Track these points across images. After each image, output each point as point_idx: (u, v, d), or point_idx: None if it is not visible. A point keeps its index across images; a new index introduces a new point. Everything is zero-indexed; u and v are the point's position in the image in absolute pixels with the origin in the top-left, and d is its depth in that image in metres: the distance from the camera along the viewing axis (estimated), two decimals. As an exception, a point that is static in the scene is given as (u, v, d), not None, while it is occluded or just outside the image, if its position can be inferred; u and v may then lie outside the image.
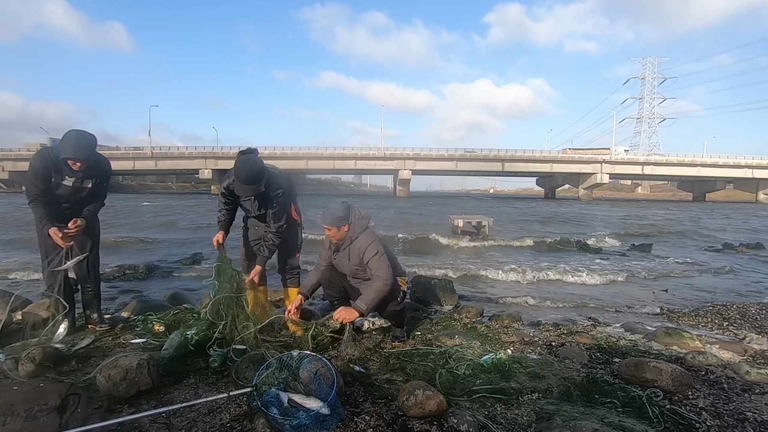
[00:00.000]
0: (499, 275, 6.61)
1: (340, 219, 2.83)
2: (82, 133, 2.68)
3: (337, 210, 2.84)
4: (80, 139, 2.64)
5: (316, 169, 56.50)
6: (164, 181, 75.96)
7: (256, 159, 2.83)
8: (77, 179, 2.80)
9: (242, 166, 2.77)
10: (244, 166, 2.77)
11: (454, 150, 53.49)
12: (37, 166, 2.70)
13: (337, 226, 2.83)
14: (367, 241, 2.83)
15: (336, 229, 2.84)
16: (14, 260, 7.27)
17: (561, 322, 4.04)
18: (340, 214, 2.83)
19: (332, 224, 2.82)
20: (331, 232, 2.86)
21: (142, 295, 4.71)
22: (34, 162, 2.71)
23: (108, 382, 1.97)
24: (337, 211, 2.84)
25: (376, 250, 2.80)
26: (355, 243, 2.86)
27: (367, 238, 2.85)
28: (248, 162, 2.78)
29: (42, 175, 2.70)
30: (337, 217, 2.82)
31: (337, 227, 2.83)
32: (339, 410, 1.83)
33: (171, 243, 10.29)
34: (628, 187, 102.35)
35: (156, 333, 2.94)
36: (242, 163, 2.78)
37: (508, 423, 1.84)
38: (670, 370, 2.29)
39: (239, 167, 2.77)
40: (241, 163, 2.78)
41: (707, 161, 54.36)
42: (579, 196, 55.35)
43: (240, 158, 2.81)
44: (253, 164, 2.78)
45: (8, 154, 48.73)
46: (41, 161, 2.70)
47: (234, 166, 2.82)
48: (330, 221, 2.82)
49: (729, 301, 5.01)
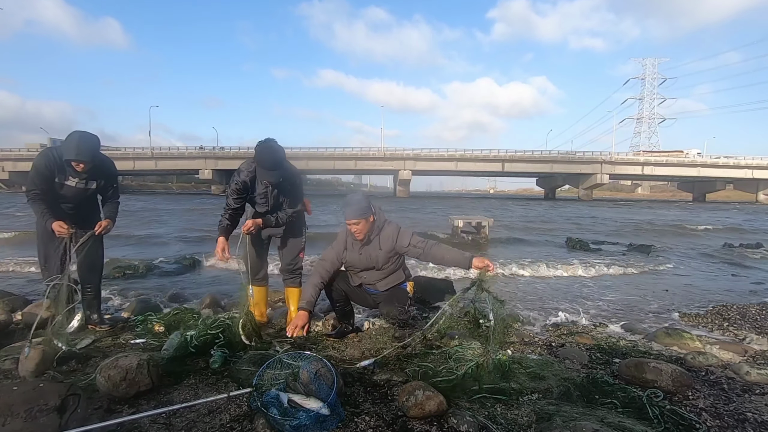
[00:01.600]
0: (498, 275, 6.61)
1: (366, 209, 2.75)
2: (85, 134, 2.69)
3: (362, 200, 2.76)
4: (83, 140, 2.65)
5: (316, 169, 56.53)
6: (164, 181, 75.99)
7: (277, 145, 2.84)
8: (81, 180, 2.81)
9: (266, 152, 2.78)
10: (268, 152, 2.78)
11: (454, 150, 53.55)
12: (40, 166, 2.72)
13: (365, 218, 2.75)
14: (394, 228, 2.86)
15: (364, 221, 2.75)
16: (14, 260, 7.27)
17: (561, 322, 4.04)
18: (365, 204, 2.75)
19: (360, 216, 2.73)
20: (359, 225, 2.75)
21: (142, 295, 4.71)
22: (38, 162, 2.74)
23: (108, 382, 1.97)
24: (362, 201, 2.76)
25: (410, 233, 2.85)
26: (383, 232, 2.84)
27: (393, 226, 2.87)
28: (271, 148, 2.80)
29: (44, 175, 2.72)
30: (364, 208, 2.74)
31: (366, 219, 2.75)
32: (339, 410, 1.83)
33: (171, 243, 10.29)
34: (628, 188, 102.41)
35: (156, 333, 2.94)
36: (265, 150, 2.79)
37: (508, 423, 1.84)
38: (670, 371, 2.29)
39: (263, 154, 2.78)
40: (264, 150, 2.79)
41: (707, 161, 54.40)
42: (579, 197, 55.37)
43: (260, 147, 2.82)
44: (276, 149, 2.80)
45: (8, 154, 48.76)
46: (45, 161, 2.72)
47: (256, 155, 2.81)
48: (358, 214, 2.72)
49: (729, 301, 5.01)
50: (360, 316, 3.58)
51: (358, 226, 2.75)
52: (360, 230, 2.76)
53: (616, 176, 62.12)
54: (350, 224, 2.75)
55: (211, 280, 6.07)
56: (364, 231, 2.77)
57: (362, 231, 2.77)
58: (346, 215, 2.73)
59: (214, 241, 3.04)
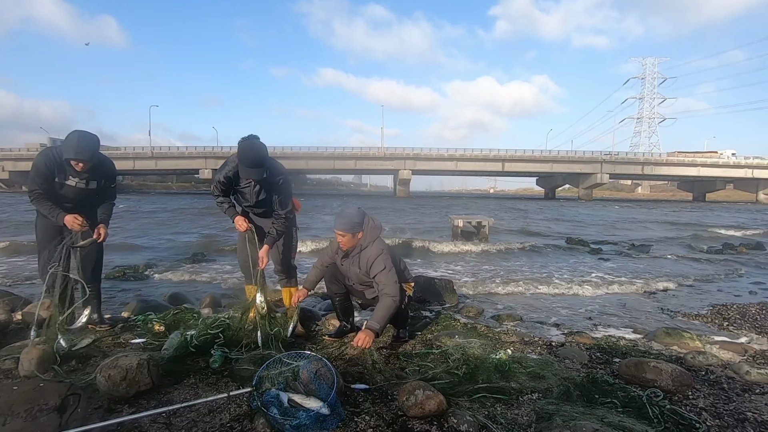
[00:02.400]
0: (499, 275, 6.61)
1: (356, 225, 2.72)
2: (84, 134, 2.68)
3: (354, 216, 2.73)
4: (83, 140, 2.64)
5: (316, 169, 56.53)
6: (165, 181, 75.98)
7: (259, 142, 2.82)
8: (81, 179, 2.80)
9: (247, 150, 2.75)
10: (249, 149, 2.75)
11: (454, 150, 53.57)
12: (40, 165, 2.72)
13: (352, 232, 2.72)
14: (376, 252, 2.73)
15: (351, 236, 2.73)
16: (14, 260, 7.27)
17: (561, 322, 4.04)
18: (357, 220, 2.72)
19: (348, 230, 2.71)
20: (345, 238, 2.74)
21: (142, 295, 4.71)
22: (38, 161, 2.73)
23: (108, 382, 1.97)
24: (354, 216, 2.72)
25: (384, 264, 2.69)
26: (364, 252, 2.76)
27: (376, 248, 2.74)
28: (252, 145, 2.77)
29: (44, 174, 2.71)
30: (354, 224, 2.71)
31: (352, 234, 2.72)
32: (339, 410, 1.83)
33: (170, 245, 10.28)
34: (628, 187, 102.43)
35: (156, 333, 2.94)
36: (246, 147, 2.76)
37: (508, 423, 1.84)
38: (670, 370, 2.29)
39: (244, 151, 2.76)
40: (245, 147, 2.76)
41: (707, 161, 54.37)
42: (579, 196, 55.35)
43: (242, 143, 2.79)
44: (257, 147, 2.78)
45: (8, 154, 48.71)
46: (44, 161, 2.72)
47: (238, 152, 2.80)
48: (346, 227, 2.70)
49: (729, 301, 5.01)
50: (360, 316, 3.58)
51: (343, 239, 2.76)
52: (344, 242, 2.78)
53: (617, 176, 62.10)
54: (336, 233, 2.78)
55: (211, 280, 6.07)
56: (347, 244, 2.78)
57: (346, 244, 2.78)
58: (335, 224, 2.75)
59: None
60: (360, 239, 2.77)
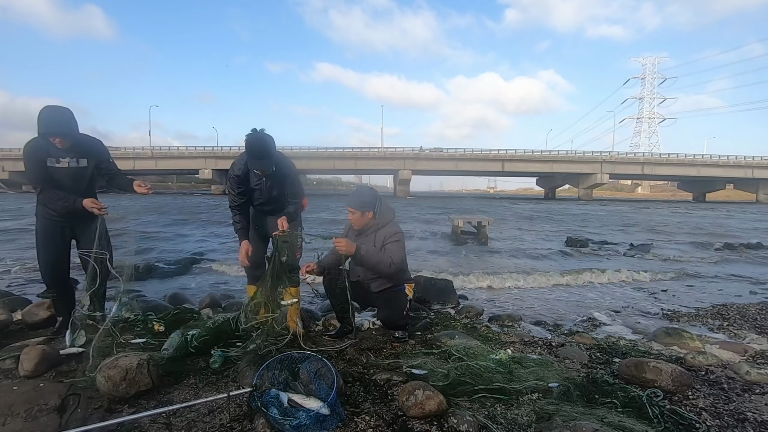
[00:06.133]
0: (499, 275, 6.61)
1: (366, 204, 2.80)
2: (54, 107, 2.60)
3: (365, 194, 2.83)
4: (53, 113, 2.57)
5: (316, 168, 56.53)
6: (164, 181, 76.01)
7: (265, 134, 2.82)
8: (72, 159, 2.73)
9: (254, 141, 2.77)
10: (256, 141, 2.77)
11: (454, 150, 53.59)
12: (30, 154, 2.66)
13: (361, 210, 2.80)
14: (393, 230, 2.85)
15: (360, 214, 2.81)
16: (13, 260, 7.27)
17: (561, 322, 4.04)
18: (367, 199, 2.81)
19: (358, 208, 2.80)
20: (355, 216, 2.83)
21: (142, 295, 4.71)
22: (27, 151, 2.67)
23: (108, 382, 1.97)
24: (364, 195, 2.82)
25: (398, 239, 2.82)
26: (381, 230, 2.85)
27: (394, 228, 2.87)
28: (258, 137, 2.79)
29: (36, 161, 2.65)
30: (364, 202, 2.80)
31: (362, 212, 2.81)
32: (339, 410, 1.83)
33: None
34: (628, 187, 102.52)
35: (156, 333, 2.94)
36: (253, 139, 2.78)
37: (508, 423, 1.84)
38: (670, 370, 2.29)
39: (251, 143, 2.77)
40: (251, 139, 2.78)
41: (707, 161, 54.36)
42: (579, 196, 55.36)
43: (249, 137, 2.80)
44: (263, 138, 2.79)
45: (8, 154, 48.72)
46: (32, 148, 2.66)
47: (245, 145, 2.81)
48: (356, 204, 2.80)
49: (729, 302, 5.01)
50: (360, 316, 3.58)
51: (353, 216, 2.84)
52: (354, 220, 2.86)
53: (616, 176, 62.13)
54: (348, 210, 2.85)
55: (210, 280, 6.07)
56: (358, 223, 2.85)
57: (356, 222, 2.86)
58: (347, 201, 2.84)
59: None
60: (371, 219, 2.84)
